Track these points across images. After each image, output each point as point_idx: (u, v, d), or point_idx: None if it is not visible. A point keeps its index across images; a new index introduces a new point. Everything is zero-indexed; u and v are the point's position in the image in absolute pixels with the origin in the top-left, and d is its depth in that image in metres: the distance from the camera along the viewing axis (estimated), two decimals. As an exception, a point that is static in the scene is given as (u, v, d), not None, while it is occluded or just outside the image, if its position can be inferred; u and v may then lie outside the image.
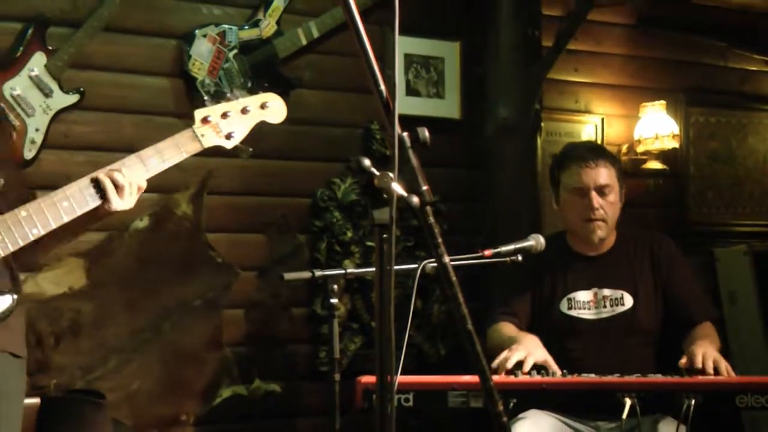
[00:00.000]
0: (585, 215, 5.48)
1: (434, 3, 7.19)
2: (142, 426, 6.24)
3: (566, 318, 5.51)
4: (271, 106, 4.11)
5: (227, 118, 3.97)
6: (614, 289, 5.48)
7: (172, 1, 6.64)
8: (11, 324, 3.79)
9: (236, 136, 4.02)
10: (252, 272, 6.89)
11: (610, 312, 5.46)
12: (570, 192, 5.54)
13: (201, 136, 3.94)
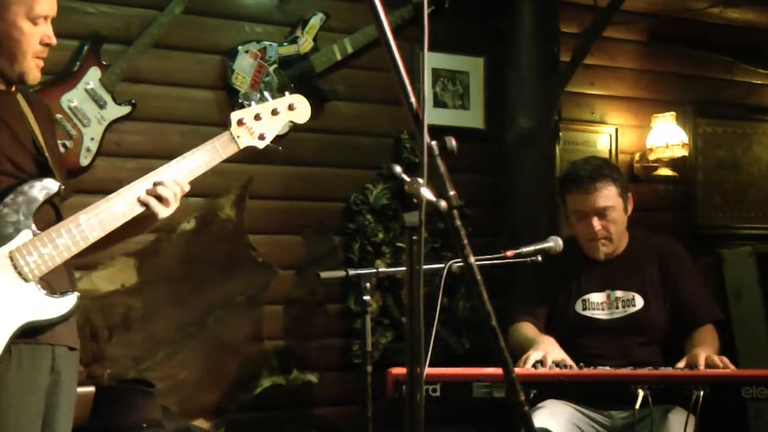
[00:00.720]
0: (589, 235, 5.48)
1: (460, 21, 7.17)
2: (188, 413, 6.25)
3: (581, 318, 5.50)
4: (297, 107, 4.11)
5: (260, 120, 3.98)
6: (626, 291, 5.47)
7: (217, 20, 6.64)
8: (69, 319, 3.80)
9: (268, 136, 4.03)
10: (290, 271, 6.89)
11: (622, 312, 5.45)
12: (573, 215, 5.54)
13: (237, 138, 3.97)
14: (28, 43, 3.75)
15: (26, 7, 3.72)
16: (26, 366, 3.70)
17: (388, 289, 7.05)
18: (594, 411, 5.29)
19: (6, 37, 3.73)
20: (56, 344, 3.79)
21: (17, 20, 3.72)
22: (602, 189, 5.43)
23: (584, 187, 5.44)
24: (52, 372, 3.79)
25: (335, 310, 7.00)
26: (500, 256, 4.83)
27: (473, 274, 2.55)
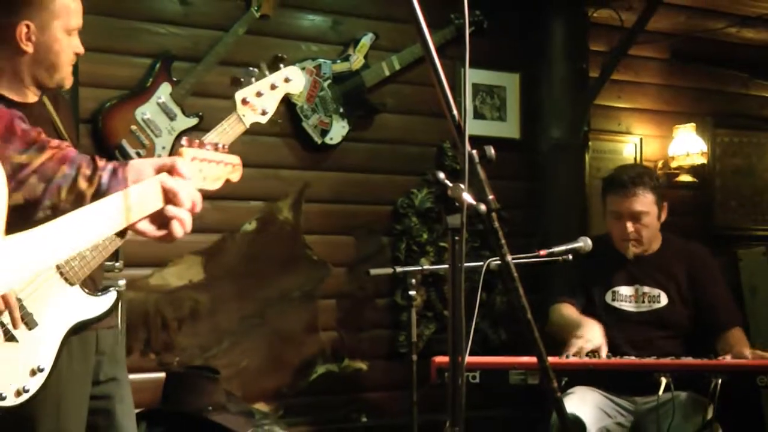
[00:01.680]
0: (622, 236, 5.46)
1: (498, 41, 7.16)
2: (250, 396, 6.26)
3: (610, 308, 5.49)
4: (293, 78, 3.92)
5: (261, 96, 3.85)
6: (652, 287, 5.46)
7: (277, 40, 6.65)
8: None
9: (269, 111, 3.89)
10: (342, 268, 6.90)
11: (647, 307, 5.44)
12: (610, 215, 5.53)
13: (243, 117, 3.86)
14: (66, 54, 3.78)
15: (64, 21, 3.74)
16: (77, 356, 3.76)
17: (432, 285, 7.04)
18: (620, 397, 5.29)
19: (48, 50, 3.74)
20: (99, 328, 3.83)
21: (57, 34, 3.74)
22: (640, 195, 5.43)
23: (624, 191, 5.44)
24: (97, 353, 3.85)
25: (383, 304, 7.00)
26: (534, 255, 4.82)
27: (510, 272, 2.55)
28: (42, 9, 3.71)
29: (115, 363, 3.91)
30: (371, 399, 6.90)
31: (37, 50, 3.73)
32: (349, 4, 6.95)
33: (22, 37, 3.69)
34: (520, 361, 4.82)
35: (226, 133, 3.84)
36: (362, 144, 6.70)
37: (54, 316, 3.61)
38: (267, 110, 3.89)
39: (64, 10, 3.74)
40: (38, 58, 3.74)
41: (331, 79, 6.78)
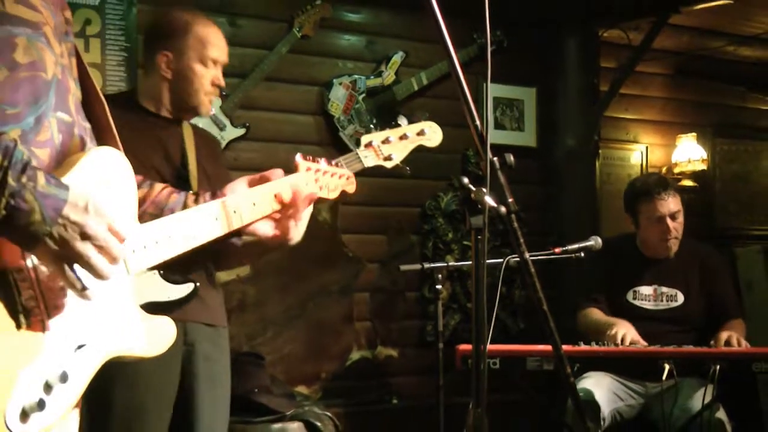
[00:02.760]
0: (663, 237, 5.47)
1: (516, 58, 7.14)
2: (292, 380, 6.26)
3: (631, 306, 5.50)
4: (428, 132, 3.97)
5: (388, 143, 3.87)
6: (670, 287, 5.48)
7: (316, 58, 6.66)
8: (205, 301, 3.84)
9: (395, 158, 3.89)
10: (375, 264, 6.90)
11: (665, 305, 5.46)
12: (649, 220, 5.50)
13: (364, 158, 3.83)
14: (199, 82, 3.81)
15: (199, 52, 3.80)
16: None
17: (456, 280, 7.04)
18: (631, 381, 5.33)
19: (182, 76, 3.79)
20: (188, 320, 3.79)
21: (191, 63, 3.79)
22: (672, 197, 5.48)
23: (659, 196, 5.46)
24: (185, 344, 3.78)
25: (412, 297, 7.00)
26: (550, 253, 4.83)
27: (528, 267, 2.54)
28: (179, 40, 3.80)
29: (205, 359, 3.84)
30: (401, 383, 6.90)
31: (174, 77, 3.81)
32: (381, 25, 6.96)
33: (162, 64, 3.79)
34: (537, 349, 4.82)
35: (340, 167, 3.78)
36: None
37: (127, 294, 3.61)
38: (393, 157, 3.91)
39: (199, 42, 3.81)
40: (175, 84, 3.82)
41: (366, 93, 6.79)
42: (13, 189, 1.80)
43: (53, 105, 2.05)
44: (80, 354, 2.04)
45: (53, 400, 1.94)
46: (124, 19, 5.99)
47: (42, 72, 2.03)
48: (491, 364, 4.71)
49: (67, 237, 1.89)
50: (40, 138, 2.01)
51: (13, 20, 1.97)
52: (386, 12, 6.94)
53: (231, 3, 6.32)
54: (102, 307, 2.05)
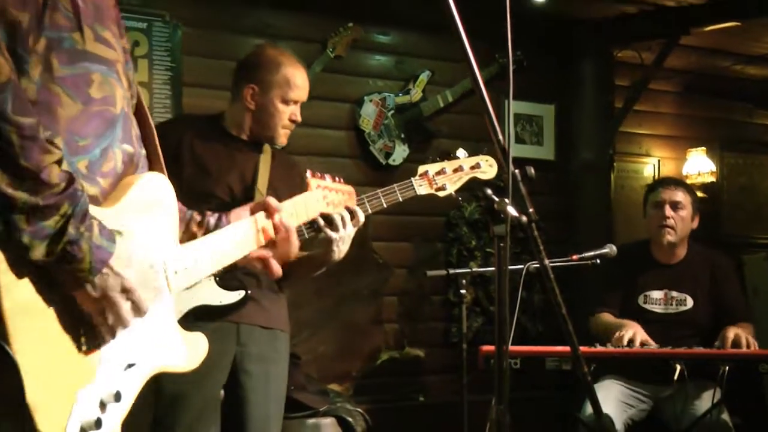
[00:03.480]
0: (659, 222, 5.38)
1: (536, 77, 7.14)
2: (325, 378, 6.26)
3: (642, 310, 5.41)
4: (482, 166, 3.96)
5: (443, 174, 3.86)
6: (680, 292, 5.38)
7: (348, 77, 6.68)
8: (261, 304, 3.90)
9: (448, 188, 3.88)
10: (403, 270, 6.90)
11: (675, 309, 5.38)
12: (651, 206, 5.48)
13: (418, 186, 3.84)
14: (279, 118, 3.92)
15: (282, 92, 3.91)
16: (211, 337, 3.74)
17: (480, 285, 7.03)
18: (641, 385, 5.27)
19: (264, 110, 3.90)
20: (242, 322, 3.82)
21: (274, 100, 3.90)
22: (679, 190, 5.45)
23: (666, 186, 5.50)
24: (238, 344, 3.82)
25: (438, 301, 6.99)
26: (567, 260, 4.83)
27: (547, 273, 2.54)
28: (267, 77, 3.90)
29: (259, 358, 3.88)
30: (427, 381, 6.89)
31: (257, 109, 3.91)
32: (409, 46, 6.97)
33: (248, 96, 3.90)
34: (555, 350, 4.80)
35: (394, 193, 3.85)
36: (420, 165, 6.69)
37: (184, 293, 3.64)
38: (446, 187, 3.90)
39: (284, 82, 3.92)
40: (256, 115, 3.92)
41: (394, 110, 6.80)
42: (72, 237, 1.83)
43: (119, 137, 2.08)
44: (130, 373, 2.07)
45: (108, 418, 1.96)
46: (169, 41, 6.03)
47: (112, 106, 2.06)
48: (512, 364, 4.69)
49: (107, 287, 1.93)
50: (104, 168, 2.04)
51: (91, 57, 2.00)
52: (413, 34, 6.94)
53: (269, 25, 6.34)
54: (147, 327, 2.09)
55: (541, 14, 6.94)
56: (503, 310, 2.52)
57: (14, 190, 1.75)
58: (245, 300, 3.75)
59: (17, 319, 1.76)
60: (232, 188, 3.84)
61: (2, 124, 1.74)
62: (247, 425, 3.84)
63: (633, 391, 5.25)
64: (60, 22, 1.93)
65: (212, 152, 3.88)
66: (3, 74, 1.75)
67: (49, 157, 1.80)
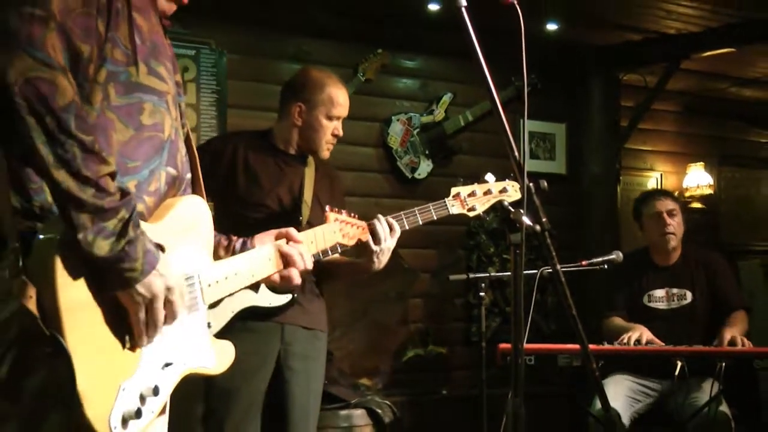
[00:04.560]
0: (662, 231, 5.43)
1: (549, 98, 7.12)
2: (356, 373, 6.26)
3: (647, 308, 5.45)
4: (509, 190, 3.98)
5: (473, 196, 3.90)
6: (680, 288, 5.43)
7: (378, 98, 6.69)
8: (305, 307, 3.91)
9: (477, 209, 3.93)
10: (428, 274, 6.89)
11: (677, 304, 5.42)
12: (649, 218, 5.51)
13: (450, 206, 3.88)
14: (323, 133, 3.94)
15: (327, 109, 3.93)
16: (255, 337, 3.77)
17: (497, 288, 7.01)
18: (647, 380, 5.27)
19: (310, 126, 3.92)
20: (286, 323, 3.84)
21: (319, 116, 3.92)
22: (669, 200, 5.57)
23: (659, 198, 5.57)
24: (282, 343, 3.84)
25: (459, 303, 6.98)
26: (577, 265, 4.81)
27: (559, 277, 2.53)
28: (313, 96, 3.93)
29: (302, 356, 3.89)
30: (450, 376, 6.88)
31: (304, 125, 3.93)
32: (433, 71, 6.97)
33: (295, 113, 3.93)
34: (567, 348, 4.80)
35: (429, 212, 3.88)
36: (443, 178, 6.68)
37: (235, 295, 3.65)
38: (476, 208, 3.94)
39: (329, 101, 3.94)
40: (303, 131, 3.95)
41: (419, 128, 6.80)
42: (131, 237, 1.88)
43: (165, 161, 2.13)
44: (167, 371, 2.10)
45: (146, 409, 1.99)
46: (215, 67, 6.06)
47: (160, 133, 2.11)
48: (527, 361, 4.69)
49: (152, 289, 1.96)
50: (150, 188, 2.09)
51: (145, 89, 2.05)
52: (437, 59, 6.94)
53: (306, 52, 6.36)
54: (183, 332, 2.15)
55: (553, 41, 6.93)
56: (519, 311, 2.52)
57: (82, 193, 1.82)
58: (292, 303, 3.79)
59: (71, 315, 1.81)
60: (281, 199, 3.87)
61: (66, 138, 1.80)
62: (290, 416, 3.87)
63: (639, 386, 5.24)
64: (118, 57, 2.00)
65: (263, 165, 3.91)
66: (68, 95, 1.81)
67: (105, 168, 1.86)
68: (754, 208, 8.81)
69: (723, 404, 4.97)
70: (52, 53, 1.81)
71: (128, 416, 1.92)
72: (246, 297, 3.70)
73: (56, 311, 1.78)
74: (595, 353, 4.77)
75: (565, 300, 2.54)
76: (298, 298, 3.84)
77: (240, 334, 3.73)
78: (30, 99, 1.77)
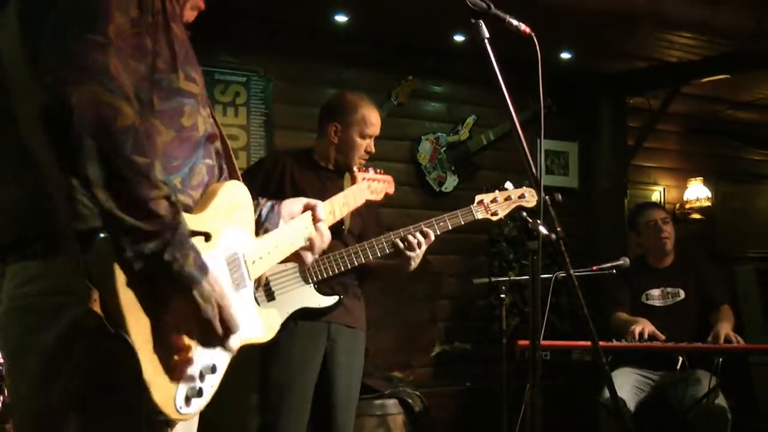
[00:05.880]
0: (658, 236, 5.52)
1: (563, 120, 7.10)
2: (389, 367, 6.26)
3: (645, 306, 5.49)
4: (527, 196, 3.99)
5: (495, 202, 3.93)
6: (674, 287, 5.49)
7: (408, 120, 6.69)
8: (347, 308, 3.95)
9: (499, 214, 3.94)
10: (453, 278, 6.89)
11: (672, 301, 5.46)
12: (647, 226, 5.58)
13: (475, 212, 3.93)
14: (357, 150, 3.99)
15: (360, 128, 3.98)
16: (306, 335, 3.83)
17: (516, 290, 6.96)
18: (651, 372, 5.27)
19: (346, 144, 3.98)
20: (332, 322, 3.88)
21: (354, 135, 3.98)
22: (661, 210, 5.73)
23: (652, 209, 5.70)
24: (329, 340, 3.89)
25: (482, 303, 6.95)
26: (588, 270, 4.82)
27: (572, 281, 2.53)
28: (347, 117, 3.98)
29: (346, 351, 3.93)
30: (473, 369, 6.86)
31: (340, 143, 3.99)
32: (458, 95, 6.97)
33: (332, 132, 3.98)
34: (580, 344, 4.79)
35: (457, 218, 3.95)
36: (467, 192, 6.61)
37: (288, 297, 3.75)
38: (498, 213, 3.95)
39: (362, 121, 3.98)
40: (339, 148, 4.00)
41: (446, 147, 6.80)
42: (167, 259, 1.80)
43: (202, 155, 2.09)
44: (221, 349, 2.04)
45: (206, 386, 1.96)
46: (263, 92, 6.09)
47: (196, 131, 2.07)
48: (543, 356, 4.68)
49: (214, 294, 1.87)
50: (193, 182, 2.05)
51: (183, 93, 2.02)
52: (462, 85, 6.94)
53: (344, 79, 6.37)
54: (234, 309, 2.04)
55: (567, 69, 6.93)
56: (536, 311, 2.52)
57: (123, 214, 1.75)
58: (338, 304, 3.84)
59: (132, 312, 1.77)
60: None
61: (119, 161, 1.74)
62: (336, 405, 3.92)
63: (644, 378, 5.25)
64: (161, 66, 1.96)
65: (307, 180, 3.95)
66: (128, 118, 1.76)
67: (158, 192, 1.79)
68: (748, 219, 8.76)
69: (720, 396, 4.96)
70: (114, 78, 1.76)
71: (191, 395, 1.90)
72: (299, 298, 3.75)
73: (119, 310, 1.75)
74: (605, 349, 4.79)
75: (578, 301, 2.54)
76: (342, 300, 3.88)
77: (293, 333, 3.81)
78: (92, 122, 1.71)
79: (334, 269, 3.78)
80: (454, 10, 2.48)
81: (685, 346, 4.90)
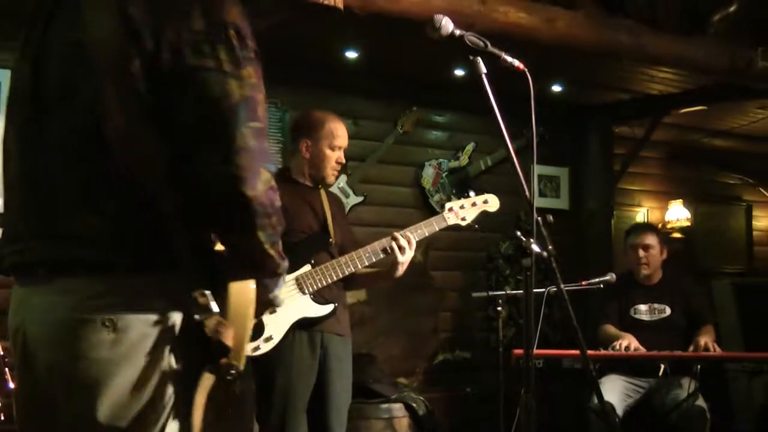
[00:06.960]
0: (637, 261, 5.50)
1: (555, 147, 7.11)
2: (395, 373, 6.24)
3: (633, 320, 5.46)
4: (490, 201, 4.12)
5: (463, 208, 3.99)
6: (661, 303, 5.47)
7: (413, 147, 6.70)
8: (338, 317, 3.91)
9: (467, 219, 4.03)
10: (454, 292, 6.87)
11: (658, 317, 5.44)
12: (629, 247, 5.58)
13: (447, 218, 3.98)
14: (328, 161, 3.93)
15: (329, 141, 3.92)
16: (305, 345, 3.81)
17: (512, 303, 6.94)
18: (637, 378, 5.24)
19: (316, 156, 3.92)
20: (324, 331, 3.86)
21: (323, 148, 3.92)
22: (649, 235, 5.55)
23: (640, 232, 5.61)
24: (322, 348, 3.86)
25: (481, 315, 6.93)
26: (578, 285, 4.82)
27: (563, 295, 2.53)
28: (316, 132, 3.92)
29: (337, 359, 3.91)
30: (473, 377, 6.82)
31: (311, 158, 3.93)
32: (458, 124, 6.97)
33: (303, 148, 3.93)
34: (570, 353, 4.79)
35: (432, 225, 3.96)
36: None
37: (287, 307, 3.71)
38: (466, 218, 4.04)
39: (330, 134, 3.92)
40: (311, 162, 3.94)
41: (448, 172, 6.80)
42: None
43: None
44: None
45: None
46: (280, 122, 6.11)
47: None
48: (536, 364, 4.67)
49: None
50: None
51: None
52: (462, 115, 6.94)
53: (353, 110, 6.38)
54: None
55: (558, 100, 6.94)
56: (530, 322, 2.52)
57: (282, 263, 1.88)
58: (333, 313, 3.83)
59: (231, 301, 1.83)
60: (311, 225, 3.90)
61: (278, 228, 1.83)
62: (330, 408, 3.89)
63: (630, 384, 5.24)
64: None
65: (290, 197, 3.88)
66: None
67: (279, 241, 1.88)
68: (724, 238, 8.78)
69: (699, 399, 4.95)
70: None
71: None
72: (298, 308, 3.75)
73: None
74: (593, 357, 4.79)
75: (568, 313, 2.53)
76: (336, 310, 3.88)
77: (293, 342, 3.79)
78: (265, 205, 1.76)
79: (328, 279, 3.78)
80: (455, 47, 2.49)
81: (667, 354, 4.91)
